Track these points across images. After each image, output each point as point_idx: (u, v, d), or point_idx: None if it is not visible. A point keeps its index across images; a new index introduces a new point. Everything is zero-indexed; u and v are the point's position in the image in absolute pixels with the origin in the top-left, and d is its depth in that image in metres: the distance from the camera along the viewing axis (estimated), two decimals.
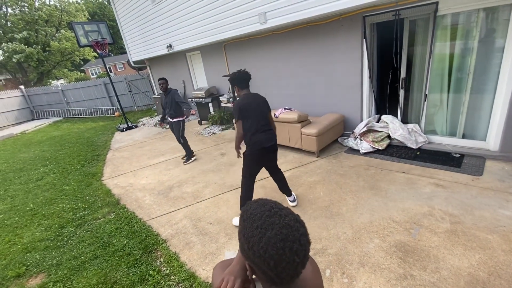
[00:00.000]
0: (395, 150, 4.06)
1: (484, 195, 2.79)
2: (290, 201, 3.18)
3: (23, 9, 19.11)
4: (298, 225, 0.61)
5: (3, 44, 18.46)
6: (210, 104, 7.45)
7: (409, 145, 4.02)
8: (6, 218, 3.93)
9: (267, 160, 2.89)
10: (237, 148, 2.88)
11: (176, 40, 7.07)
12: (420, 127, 4.12)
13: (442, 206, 2.72)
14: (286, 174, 3.86)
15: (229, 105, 6.57)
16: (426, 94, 3.92)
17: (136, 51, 9.29)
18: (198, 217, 3.22)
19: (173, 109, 4.69)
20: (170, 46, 7.31)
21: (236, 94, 2.84)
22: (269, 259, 0.57)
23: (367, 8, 3.89)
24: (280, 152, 4.72)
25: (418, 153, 3.87)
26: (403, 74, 4.12)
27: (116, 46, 32.91)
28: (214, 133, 6.64)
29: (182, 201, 3.64)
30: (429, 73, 3.79)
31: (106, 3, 35.81)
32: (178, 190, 3.98)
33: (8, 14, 19.31)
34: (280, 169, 3.06)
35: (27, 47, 18.52)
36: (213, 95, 7.33)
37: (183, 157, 5.10)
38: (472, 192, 2.87)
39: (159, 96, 8.43)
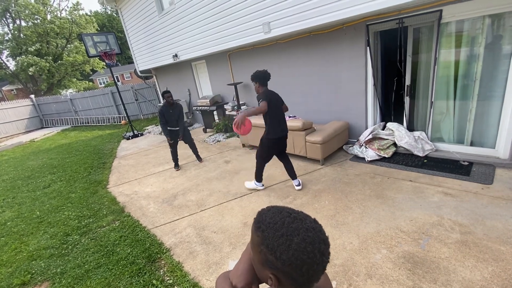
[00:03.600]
0: (401, 158, 4.01)
1: (495, 205, 2.71)
2: (295, 185, 3.64)
3: (36, 21, 19.79)
4: (319, 226, 0.62)
5: (18, 57, 19.08)
6: (215, 112, 7.50)
7: (415, 152, 3.96)
8: (13, 226, 3.97)
9: (282, 146, 3.50)
10: (246, 116, 2.97)
11: (181, 50, 7.21)
12: (426, 134, 4.07)
13: (452, 215, 2.65)
14: (290, 182, 3.83)
15: (234, 113, 6.61)
16: (432, 101, 3.88)
17: (143, 60, 9.48)
18: (202, 225, 3.20)
19: (177, 120, 4.91)
20: (176, 55, 7.44)
21: (255, 90, 3.33)
22: (302, 264, 0.56)
23: (370, 17, 3.92)
24: None
25: (425, 161, 3.81)
26: (408, 81, 4.10)
27: (123, 56, 33.75)
28: (218, 141, 6.66)
29: (186, 209, 3.63)
30: (434, 80, 3.77)
31: (115, 15, 36.92)
32: (183, 198, 3.98)
33: (22, 27, 19.99)
34: (287, 154, 3.65)
35: (40, 59, 19.08)
36: (218, 103, 7.40)
37: (200, 160, 5.38)
38: (483, 201, 2.80)
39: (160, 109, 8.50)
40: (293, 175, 3.62)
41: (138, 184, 4.79)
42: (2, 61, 22.17)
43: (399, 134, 4.12)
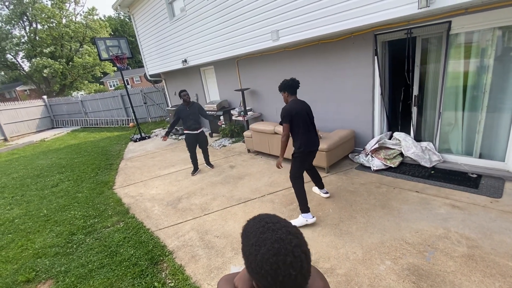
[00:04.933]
0: (408, 168, 3.96)
1: (504, 219, 2.65)
2: (323, 193, 3.53)
3: (51, 25, 20.45)
4: (290, 237, 0.61)
5: (33, 59, 19.73)
6: (222, 117, 7.56)
7: (422, 163, 3.91)
8: (20, 223, 4.05)
9: (311, 160, 3.19)
10: (283, 153, 3.03)
11: (191, 55, 7.34)
12: (434, 145, 4.02)
13: (459, 228, 2.60)
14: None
15: (240, 118, 6.66)
16: (440, 112, 3.85)
17: (153, 65, 9.68)
18: (205, 229, 3.21)
19: (197, 121, 4.86)
20: (185, 61, 7.58)
21: (284, 100, 3.10)
22: (266, 275, 0.57)
23: (378, 27, 3.94)
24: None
25: (433, 172, 3.76)
26: (415, 91, 4.08)
27: (134, 60, 34.45)
28: (224, 146, 6.70)
29: (190, 213, 3.64)
30: (443, 91, 3.74)
31: (127, 20, 37.87)
32: (187, 201, 4.00)
33: (38, 30, 20.68)
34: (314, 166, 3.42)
35: (54, 62, 19.67)
36: (224, 108, 7.47)
37: (211, 167, 5.32)
38: (491, 215, 2.74)
39: (174, 108, 8.60)
40: (320, 185, 3.48)
41: (143, 186, 4.84)
42: (17, 63, 22.91)
43: (406, 144, 4.09)
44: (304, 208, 2.99)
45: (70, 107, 14.56)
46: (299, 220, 2.99)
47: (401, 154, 4.16)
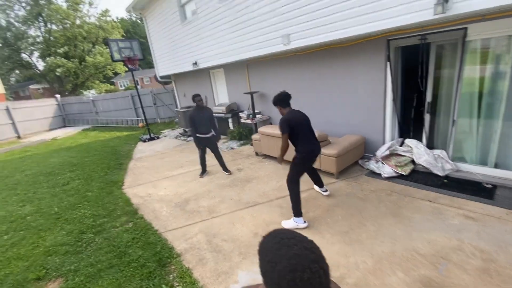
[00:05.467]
0: (420, 177, 3.88)
1: None
2: (323, 191, 3.68)
3: (66, 25, 21.00)
4: (307, 253, 0.60)
5: (47, 58, 20.30)
6: (230, 120, 7.60)
7: (435, 172, 3.82)
8: (32, 220, 4.13)
9: (310, 165, 3.31)
10: (282, 157, 3.20)
11: (201, 58, 7.41)
12: (447, 153, 3.93)
13: (473, 240, 2.53)
14: (303, 195, 3.75)
15: (248, 121, 6.67)
16: (454, 120, 3.77)
17: (163, 66, 9.81)
18: (213, 232, 3.20)
19: (208, 125, 4.84)
20: (195, 63, 7.65)
21: (280, 113, 3.17)
22: None
23: (391, 32, 3.89)
24: None
25: (445, 180, 3.67)
26: (429, 98, 4.01)
27: (144, 61, 34.89)
28: (232, 148, 6.71)
29: (198, 215, 3.65)
30: (457, 98, 3.66)
31: (139, 22, 38.55)
32: (195, 203, 4.01)
33: (52, 31, 21.26)
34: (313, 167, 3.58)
35: (67, 61, 20.18)
36: (233, 111, 7.49)
37: (228, 172, 5.08)
38: (507, 227, 2.65)
39: (183, 110, 8.68)
40: (320, 184, 3.67)
41: (152, 187, 4.89)
42: (32, 62, 23.57)
43: (418, 151, 4.01)
44: (297, 212, 3.08)
45: (82, 107, 14.86)
46: (290, 223, 3.11)
47: (413, 161, 4.08)
